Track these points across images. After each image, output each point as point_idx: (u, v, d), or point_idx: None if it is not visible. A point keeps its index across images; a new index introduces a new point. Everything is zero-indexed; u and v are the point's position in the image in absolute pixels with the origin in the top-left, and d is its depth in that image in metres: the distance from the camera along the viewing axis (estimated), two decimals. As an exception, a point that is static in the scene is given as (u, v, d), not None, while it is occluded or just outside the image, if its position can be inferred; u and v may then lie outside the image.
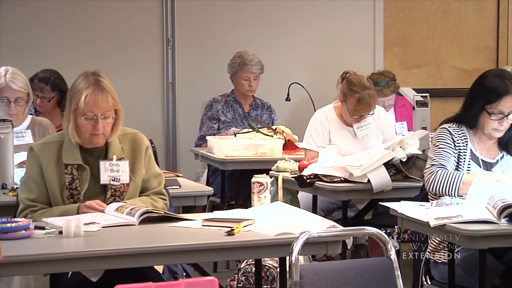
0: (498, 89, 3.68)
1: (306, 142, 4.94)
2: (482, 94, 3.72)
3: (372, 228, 2.94)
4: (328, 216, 4.86)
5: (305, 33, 6.92)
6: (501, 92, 3.68)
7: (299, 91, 6.50)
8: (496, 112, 3.69)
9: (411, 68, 7.17)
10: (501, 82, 3.69)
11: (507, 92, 3.68)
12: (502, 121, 3.70)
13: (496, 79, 3.71)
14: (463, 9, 7.19)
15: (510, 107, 3.69)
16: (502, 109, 3.69)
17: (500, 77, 3.71)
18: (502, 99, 3.68)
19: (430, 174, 3.70)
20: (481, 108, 3.71)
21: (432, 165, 3.71)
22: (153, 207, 3.36)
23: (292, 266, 2.75)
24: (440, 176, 3.67)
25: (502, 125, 3.71)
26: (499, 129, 3.72)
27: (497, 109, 3.69)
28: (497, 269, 3.47)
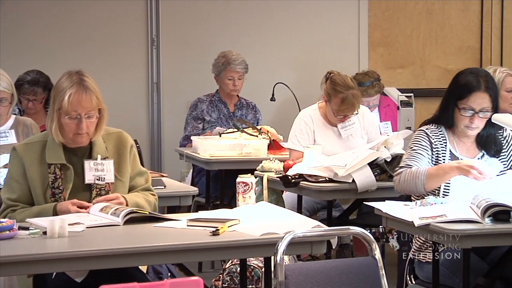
0: (470, 84, 3.68)
1: (291, 142, 4.95)
2: (455, 90, 3.72)
3: (357, 228, 2.94)
4: (313, 216, 4.87)
5: (290, 33, 6.92)
6: (472, 88, 3.67)
7: (284, 91, 6.50)
8: (467, 108, 3.68)
9: (395, 68, 7.19)
10: (474, 78, 3.69)
11: (478, 88, 3.67)
12: (473, 118, 3.68)
13: (470, 76, 3.71)
14: (446, 10, 7.21)
15: (480, 103, 3.67)
16: (472, 105, 3.67)
17: (474, 74, 3.71)
18: (472, 94, 3.66)
19: (396, 175, 3.72)
20: (454, 105, 3.71)
21: (400, 167, 3.73)
22: (146, 201, 3.37)
23: (277, 266, 2.75)
24: (404, 176, 3.67)
25: (473, 122, 3.68)
26: (471, 126, 3.69)
27: (467, 105, 3.67)
28: (480, 268, 3.49)
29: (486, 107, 3.68)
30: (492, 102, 3.69)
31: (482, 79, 3.69)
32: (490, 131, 3.76)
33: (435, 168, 3.65)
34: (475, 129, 3.72)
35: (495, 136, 3.78)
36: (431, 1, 7.18)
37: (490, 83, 3.71)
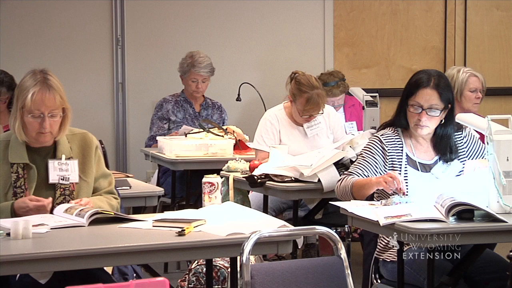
0: (419, 80, 3.70)
1: (256, 142, 4.95)
2: (406, 88, 3.75)
3: (322, 228, 2.95)
4: (279, 216, 4.88)
5: (256, 33, 6.93)
6: (420, 84, 3.68)
7: (250, 91, 6.50)
8: (415, 105, 3.69)
9: (360, 68, 7.22)
10: (424, 75, 3.71)
11: (427, 85, 3.68)
12: (421, 115, 3.68)
13: (422, 74, 3.73)
14: (411, 10, 7.26)
15: (428, 100, 3.67)
16: (419, 101, 3.67)
17: (426, 73, 3.74)
18: (420, 90, 3.68)
19: (338, 181, 3.78)
20: (405, 104, 3.74)
21: (343, 173, 3.77)
22: (109, 205, 3.34)
23: (243, 266, 2.75)
24: (339, 183, 3.74)
25: (421, 119, 3.69)
26: (419, 124, 3.69)
27: (415, 101, 3.69)
28: (445, 267, 3.51)
29: (434, 104, 3.67)
30: (442, 102, 3.69)
31: (432, 77, 3.70)
32: (446, 133, 3.75)
33: (360, 181, 3.68)
34: (424, 128, 3.71)
35: (451, 139, 3.77)
36: (395, 1, 7.23)
37: (442, 83, 3.71)
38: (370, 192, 3.67)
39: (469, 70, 5.35)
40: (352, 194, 3.69)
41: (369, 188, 3.65)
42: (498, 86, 7.35)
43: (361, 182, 3.68)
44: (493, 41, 7.34)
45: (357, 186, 3.67)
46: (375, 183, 3.61)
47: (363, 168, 3.73)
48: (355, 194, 3.68)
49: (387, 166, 3.74)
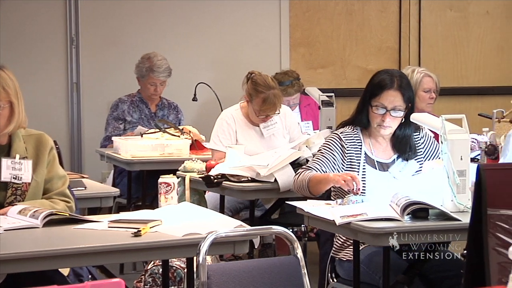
0: (383, 82, 3.72)
1: (213, 142, 4.94)
2: (369, 89, 3.77)
3: (279, 227, 2.95)
4: (236, 216, 4.88)
5: (212, 33, 6.92)
6: (384, 85, 3.72)
7: (206, 91, 6.49)
8: (379, 106, 3.72)
9: (316, 68, 7.25)
10: (388, 76, 3.74)
11: (391, 86, 3.71)
12: (385, 116, 3.72)
13: (384, 74, 3.76)
14: (366, 10, 7.30)
15: (392, 101, 3.71)
16: (383, 103, 3.71)
17: (388, 73, 3.77)
18: (384, 92, 3.71)
19: (295, 175, 3.80)
20: (368, 104, 3.76)
21: (301, 168, 3.79)
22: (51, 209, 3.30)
23: (199, 267, 2.74)
24: (297, 177, 3.75)
25: (385, 121, 3.72)
26: (383, 125, 3.73)
27: (379, 102, 3.72)
28: (400, 265, 3.54)
29: (398, 105, 3.72)
30: (405, 102, 3.73)
31: (396, 78, 3.74)
32: (406, 132, 3.80)
33: (316, 177, 3.70)
34: (388, 128, 3.76)
35: (411, 138, 3.82)
36: (351, 1, 7.27)
37: (404, 83, 3.75)
38: (326, 188, 3.69)
39: (423, 71, 5.40)
40: (308, 188, 3.71)
41: (326, 184, 3.66)
42: (451, 86, 7.43)
43: (319, 177, 3.69)
44: (446, 42, 7.42)
45: (314, 181, 3.69)
46: (333, 180, 3.62)
47: (321, 163, 3.74)
48: (312, 189, 3.70)
49: (345, 164, 3.76)
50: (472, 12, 7.43)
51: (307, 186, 3.71)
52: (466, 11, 7.43)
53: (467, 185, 3.37)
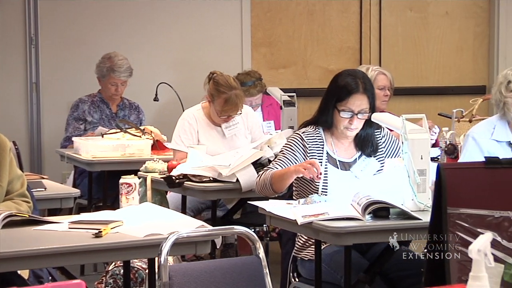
0: (349, 86, 3.74)
1: (174, 142, 4.92)
2: (334, 92, 3.78)
3: (241, 227, 2.95)
4: (198, 216, 4.87)
5: (173, 33, 6.89)
6: (351, 90, 3.73)
7: (167, 91, 6.47)
8: (346, 110, 3.74)
9: (278, 68, 7.26)
10: (353, 80, 3.76)
11: (357, 91, 3.73)
12: (352, 119, 3.74)
13: (348, 78, 3.77)
14: (327, 11, 7.33)
15: (359, 105, 3.74)
16: (351, 107, 3.73)
17: (352, 76, 3.78)
18: (351, 96, 3.73)
19: (257, 177, 3.81)
20: (333, 107, 3.77)
21: (263, 169, 3.80)
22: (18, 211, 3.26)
23: (161, 267, 2.73)
24: (258, 178, 3.77)
25: (352, 123, 3.75)
26: (350, 128, 3.76)
27: (346, 107, 3.74)
28: (361, 264, 3.56)
29: (364, 108, 3.75)
30: (370, 104, 3.77)
31: (360, 81, 3.75)
32: (368, 131, 3.84)
33: (278, 172, 3.72)
34: (354, 130, 3.79)
35: (373, 135, 3.86)
36: (312, 2, 7.29)
37: (368, 84, 3.78)
38: (289, 182, 3.69)
39: (377, 69, 5.45)
40: (271, 186, 3.71)
41: (288, 177, 3.67)
42: (412, 86, 7.49)
43: (280, 172, 3.70)
44: (406, 42, 7.48)
45: (276, 177, 3.69)
46: (294, 171, 3.64)
47: (283, 164, 3.75)
48: (275, 186, 3.70)
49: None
50: (432, 13, 7.50)
51: (270, 184, 3.71)
52: (426, 12, 7.49)
53: (427, 184, 3.40)
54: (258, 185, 3.77)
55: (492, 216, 2.07)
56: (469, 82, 7.57)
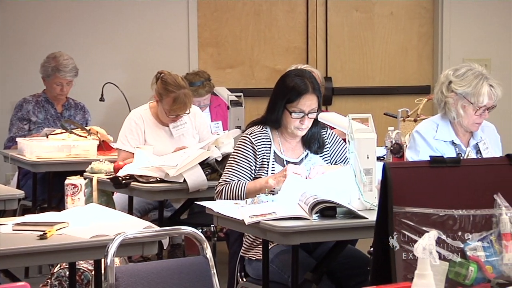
0: (298, 88, 3.76)
1: (120, 142, 4.89)
2: (283, 93, 3.79)
3: (188, 228, 2.94)
4: (144, 217, 4.84)
5: (119, 33, 6.84)
6: (301, 91, 3.76)
7: (114, 91, 6.41)
8: (297, 111, 3.76)
9: (225, 68, 7.25)
10: (301, 81, 3.78)
11: (307, 91, 3.76)
12: (303, 119, 3.77)
13: (297, 78, 3.79)
14: (274, 11, 7.35)
15: (309, 105, 3.76)
16: (302, 108, 3.76)
17: (300, 77, 3.80)
18: (301, 97, 3.75)
19: (217, 194, 3.78)
20: (283, 108, 3.78)
21: (219, 183, 3.79)
22: None
23: (107, 268, 2.71)
24: (225, 193, 3.74)
25: (303, 124, 3.78)
26: (301, 127, 3.79)
27: (297, 108, 3.76)
28: (308, 264, 3.57)
29: (314, 108, 3.77)
30: (319, 103, 3.79)
31: (308, 81, 3.77)
32: (314, 130, 3.86)
33: (253, 185, 3.71)
34: (305, 130, 3.81)
35: (319, 133, 3.89)
36: (258, 2, 7.30)
37: (316, 84, 3.81)
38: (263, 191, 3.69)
39: (307, 67, 5.49)
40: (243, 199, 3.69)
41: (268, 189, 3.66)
42: (358, 85, 7.54)
43: (256, 187, 3.69)
44: (353, 42, 7.53)
45: (252, 190, 3.68)
46: (274, 185, 3.63)
47: (238, 173, 3.75)
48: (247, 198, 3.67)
49: (257, 163, 3.78)
50: (377, 13, 7.56)
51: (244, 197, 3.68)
52: (371, 12, 7.55)
53: (374, 183, 3.42)
54: (225, 197, 3.74)
55: (437, 215, 2.09)
56: (414, 82, 7.66)
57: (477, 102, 4.00)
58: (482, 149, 4.15)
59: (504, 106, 4.60)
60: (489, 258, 2.08)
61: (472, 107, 4.02)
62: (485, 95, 3.99)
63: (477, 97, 3.99)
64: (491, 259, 2.08)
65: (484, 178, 2.15)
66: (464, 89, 4.02)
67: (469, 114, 4.05)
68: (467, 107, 4.03)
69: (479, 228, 2.10)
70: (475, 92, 3.99)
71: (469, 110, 4.04)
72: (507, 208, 2.12)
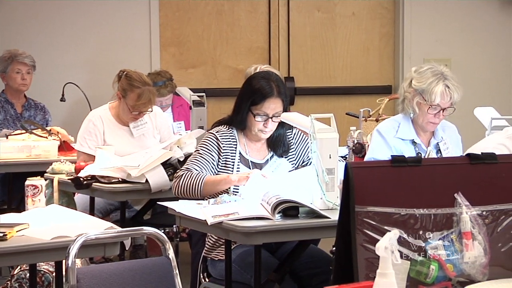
0: (263, 90, 3.76)
1: (79, 143, 4.87)
2: (248, 95, 3.79)
3: (150, 228, 2.92)
4: (106, 218, 4.81)
5: (80, 33, 6.79)
6: (266, 94, 3.75)
7: (74, 91, 6.37)
8: (261, 114, 3.76)
9: (187, 68, 7.23)
10: (267, 84, 3.77)
11: (272, 94, 3.75)
12: (267, 123, 3.76)
13: (263, 81, 3.79)
14: (236, 11, 7.35)
15: (274, 109, 3.76)
16: (266, 111, 3.76)
17: (266, 79, 3.80)
18: (266, 100, 3.75)
19: (175, 178, 3.74)
20: (247, 110, 3.78)
21: (180, 169, 3.76)
22: None
23: (68, 270, 2.68)
24: (183, 179, 3.70)
25: (267, 127, 3.78)
26: (265, 130, 3.78)
27: (261, 111, 3.76)
28: (271, 263, 3.57)
29: (279, 111, 3.77)
30: (284, 106, 3.79)
31: (274, 84, 3.77)
32: (279, 132, 3.86)
33: (212, 177, 3.70)
34: (268, 133, 3.81)
35: (284, 135, 3.88)
36: (220, 2, 7.29)
37: (282, 87, 3.80)
38: (223, 189, 3.67)
39: (266, 67, 5.52)
40: (201, 191, 3.65)
41: (225, 185, 3.64)
42: (320, 85, 7.57)
43: (215, 179, 3.66)
44: (315, 42, 7.55)
45: (210, 183, 3.65)
46: (234, 182, 3.62)
47: (201, 165, 3.73)
48: (205, 191, 3.65)
49: (220, 161, 3.77)
50: (339, 13, 7.60)
51: (201, 189, 3.65)
52: (333, 12, 7.58)
53: (336, 183, 3.43)
54: (182, 187, 3.70)
55: (398, 214, 2.10)
56: (376, 82, 7.71)
57: (429, 99, 4.04)
58: (442, 149, 4.19)
59: (465, 106, 4.63)
60: (450, 256, 2.10)
61: (426, 104, 4.06)
62: (437, 93, 4.03)
63: (430, 95, 4.04)
64: (452, 257, 2.10)
65: (445, 178, 2.17)
66: (421, 85, 4.06)
67: (423, 112, 4.09)
68: (421, 104, 4.08)
69: (440, 227, 2.12)
70: (428, 90, 4.04)
71: (423, 107, 4.08)
72: (468, 207, 2.14)
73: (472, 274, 2.11)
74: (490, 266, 2.13)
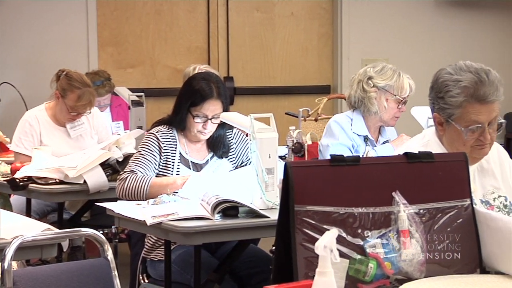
0: (203, 92, 3.75)
1: (14, 144, 4.80)
2: (188, 96, 3.78)
3: (88, 229, 2.89)
4: (43, 219, 4.76)
5: (16, 31, 6.70)
6: (205, 96, 3.75)
7: (10, 91, 6.27)
8: (200, 115, 3.76)
9: (125, 68, 7.18)
10: (207, 85, 3.77)
11: (211, 96, 3.75)
12: (206, 124, 3.76)
13: (203, 82, 3.78)
14: (175, 10, 7.32)
15: (213, 110, 3.76)
16: (205, 112, 3.75)
17: (206, 80, 3.79)
18: (205, 102, 3.74)
19: (119, 181, 3.72)
20: (186, 111, 3.77)
21: (124, 172, 3.74)
22: None
23: (4, 273, 2.64)
24: (129, 182, 3.68)
25: (206, 128, 3.77)
26: (204, 132, 3.78)
27: (200, 112, 3.75)
28: (211, 264, 3.57)
29: (218, 113, 3.77)
30: (223, 107, 3.79)
31: (214, 86, 3.76)
32: (220, 132, 3.86)
33: (159, 180, 3.68)
34: (208, 134, 3.81)
35: (224, 136, 3.88)
36: (159, 1, 7.26)
37: (222, 88, 3.80)
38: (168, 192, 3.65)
39: (205, 67, 5.53)
40: (146, 194, 3.63)
41: (172, 189, 3.62)
42: (259, 85, 7.59)
43: (163, 183, 3.64)
44: (254, 42, 7.57)
45: (157, 186, 3.63)
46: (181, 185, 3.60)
47: (144, 166, 3.70)
48: (151, 194, 3.63)
49: (161, 161, 3.75)
50: (278, 14, 7.63)
51: (146, 192, 3.63)
52: (272, 13, 7.61)
53: (275, 182, 3.44)
54: (126, 190, 3.66)
55: (337, 213, 2.11)
56: (314, 82, 7.76)
57: (400, 93, 4.22)
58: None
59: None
60: (388, 254, 2.12)
61: (395, 99, 4.21)
62: (406, 87, 4.23)
63: (400, 90, 4.23)
64: (390, 255, 2.12)
65: (383, 176, 2.19)
66: (386, 82, 4.21)
67: (392, 107, 4.24)
68: (390, 100, 4.23)
69: (378, 226, 2.13)
70: (397, 85, 4.24)
71: (392, 103, 4.23)
72: (405, 206, 2.16)
73: (410, 272, 2.14)
74: (427, 264, 2.15)
